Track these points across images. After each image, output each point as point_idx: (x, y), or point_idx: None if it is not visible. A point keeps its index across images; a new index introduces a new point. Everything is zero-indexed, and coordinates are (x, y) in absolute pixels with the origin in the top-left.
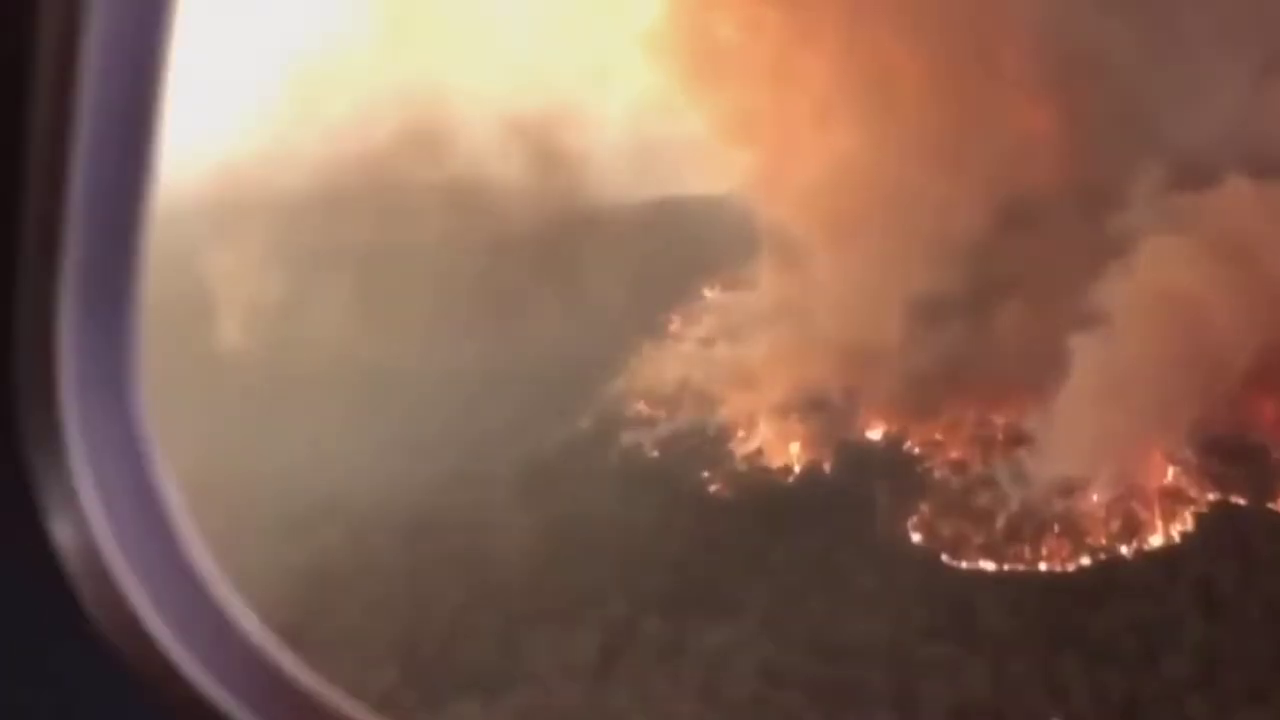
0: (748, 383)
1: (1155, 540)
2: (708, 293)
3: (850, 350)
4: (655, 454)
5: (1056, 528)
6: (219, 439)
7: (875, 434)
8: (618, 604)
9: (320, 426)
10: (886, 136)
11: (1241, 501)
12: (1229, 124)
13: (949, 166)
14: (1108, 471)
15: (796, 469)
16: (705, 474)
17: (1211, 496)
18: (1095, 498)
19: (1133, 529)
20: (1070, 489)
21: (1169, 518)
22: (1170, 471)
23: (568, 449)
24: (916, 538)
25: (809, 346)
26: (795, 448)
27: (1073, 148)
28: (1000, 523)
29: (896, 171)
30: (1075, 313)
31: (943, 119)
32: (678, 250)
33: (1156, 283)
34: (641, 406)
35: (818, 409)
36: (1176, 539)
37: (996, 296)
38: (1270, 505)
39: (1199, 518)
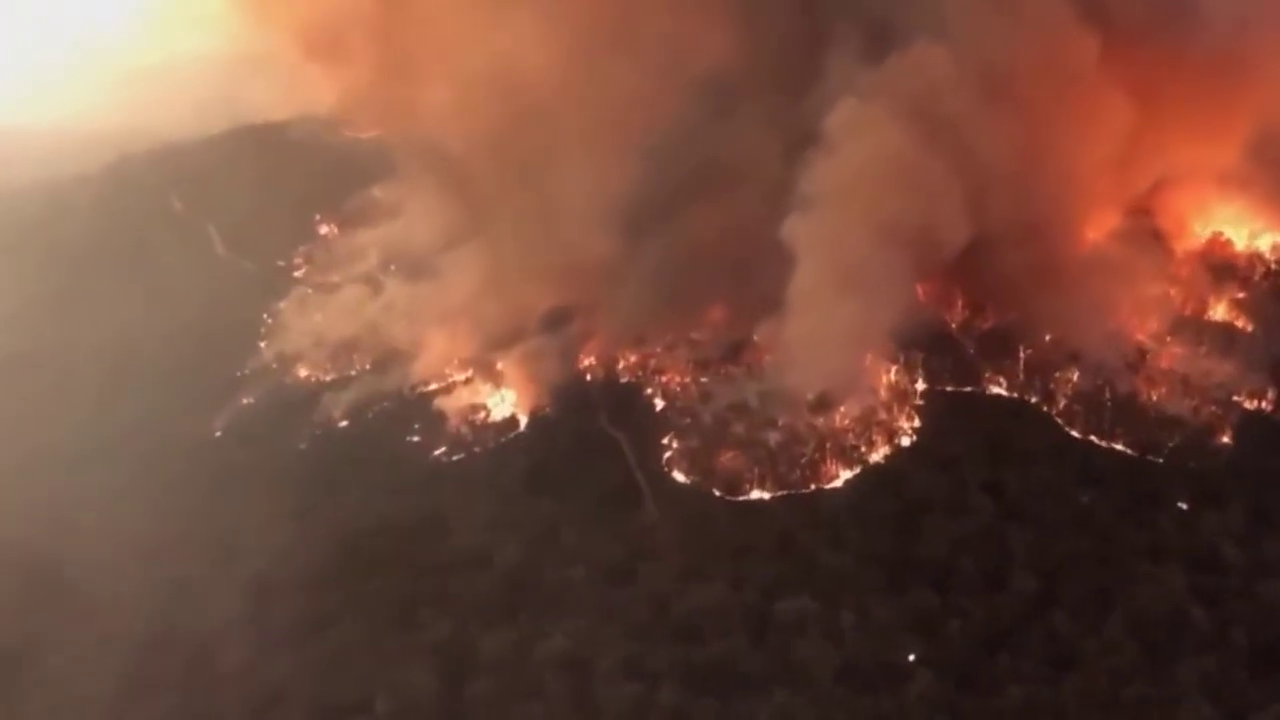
0: (438, 326)
1: (905, 441)
2: (324, 229)
3: (552, 274)
4: (345, 424)
5: (826, 446)
6: None
7: (590, 367)
8: (440, 621)
9: None
10: (551, 32)
11: (958, 389)
12: None
13: (629, 60)
14: (853, 380)
15: (522, 419)
16: (415, 439)
17: (924, 387)
18: (844, 409)
19: (888, 433)
20: (826, 405)
21: (907, 417)
22: (892, 370)
23: (244, 433)
24: (680, 477)
25: (501, 276)
26: (511, 395)
27: (762, 28)
28: (773, 448)
29: (569, 68)
30: (788, 198)
31: (614, 10)
32: (277, 185)
33: (860, 152)
34: (305, 371)
35: (524, 346)
36: (920, 438)
37: (704, 193)
38: (980, 389)
39: (923, 411)
